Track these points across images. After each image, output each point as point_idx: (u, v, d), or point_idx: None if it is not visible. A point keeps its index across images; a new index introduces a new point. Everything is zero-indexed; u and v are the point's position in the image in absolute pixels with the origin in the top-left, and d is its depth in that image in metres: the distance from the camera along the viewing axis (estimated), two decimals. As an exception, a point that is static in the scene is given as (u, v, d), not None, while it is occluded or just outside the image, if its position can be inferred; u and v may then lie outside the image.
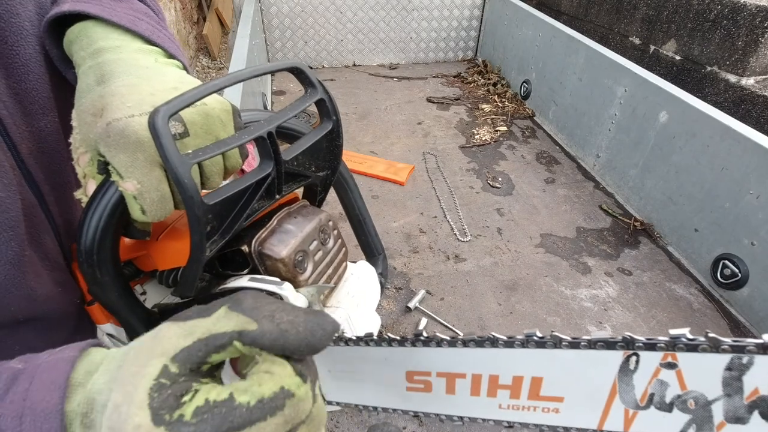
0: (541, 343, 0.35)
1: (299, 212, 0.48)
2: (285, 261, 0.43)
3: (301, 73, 0.43)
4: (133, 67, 0.42)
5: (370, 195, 2.24)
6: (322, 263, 0.48)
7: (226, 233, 0.40)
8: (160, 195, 0.39)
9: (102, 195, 0.38)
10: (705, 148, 1.77)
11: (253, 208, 0.42)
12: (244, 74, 0.38)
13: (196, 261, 0.39)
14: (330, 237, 0.49)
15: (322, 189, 0.53)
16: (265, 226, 0.45)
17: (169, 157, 0.32)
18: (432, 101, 3.18)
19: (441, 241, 1.99)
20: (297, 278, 0.44)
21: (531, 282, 1.79)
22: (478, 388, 0.39)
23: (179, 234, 0.46)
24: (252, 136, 0.38)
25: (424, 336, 0.39)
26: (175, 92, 0.40)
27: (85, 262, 0.39)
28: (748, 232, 1.61)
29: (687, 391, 0.31)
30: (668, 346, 0.31)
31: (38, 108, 0.45)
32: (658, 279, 1.82)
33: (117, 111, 0.38)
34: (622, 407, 0.34)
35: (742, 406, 0.30)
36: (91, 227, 0.38)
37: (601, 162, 2.40)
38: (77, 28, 0.44)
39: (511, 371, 0.37)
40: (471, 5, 3.66)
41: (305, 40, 3.57)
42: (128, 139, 0.37)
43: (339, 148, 0.50)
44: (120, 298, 0.43)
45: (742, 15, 2.35)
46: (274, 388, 0.25)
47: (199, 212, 0.35)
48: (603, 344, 0.33)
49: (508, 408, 0.39)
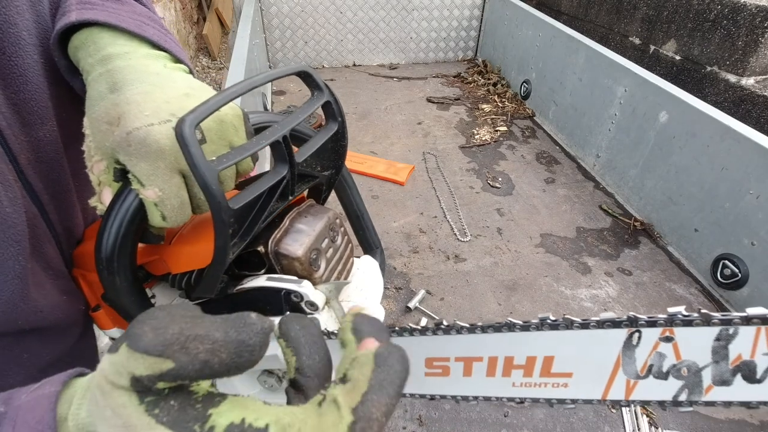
0: (554, 325, 0.38)
1: (308, 211, 0.49)
2: (301, 259, 0.44)
3: (308, 76, 0.44)
4: (144, 73, 0.42)
5: (370, 195, 2.24)
6: (333, 260, 0.49)
7: (246, 236, 0.41)
8: (180, 201, 0.39)
9: (121, 203, 0.39)
10: (705, 148, 1.77)
11: (270, 210, 0.43)
12: (257, 80, 0.39)
13: (220, 264, 0.39)
14: (338, 234, 0.51)
15: (326, 188, 0.55)
16: (278, 226, 0.46)
17: (198, 165, 0.33)
18: (432, 101, 3.18)
19: (441, 241, 1.99)
20: (312, 275, 0.46)
21: (531, 282, 1.79)
22: (494, 369, 0.41)
23: (192, 238, 0.47)
24: (269, 141, 0.39)
25: (445, 324, 0.41)
26: (187, 99, 0.41)
27: (105, 269, 0.40)
28: (748, 232, 1.61)
29: (681, 360, 0.35)
30: (667, 323, 0.34)
31: (36, 118, 0.45)
32: (658, 279, 1.82)
33: (136, 120, 0.38)
34: (624, 378, 0.37)
35: (728, 371, 0.34)
36: (111, 235, 0.39)
37: (601, 162, 2.40)
38: (83, 35, 0.44)
39: (525, 352, 0.40)
40: (471, 5, 3.66)
41: (305, 40, 3.57)
42: (149, 148, 0.37)
43: (344, 149, 0.51)
44: (135, 303, 0.44)
45: (742, 15, 2.35)
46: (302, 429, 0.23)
47: (226, 217, 0.36)
48: (610, 323, 0.36)
49: (521, 386, 0.41)
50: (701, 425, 1.32)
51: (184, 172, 0.40)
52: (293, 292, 0.43)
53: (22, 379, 0.47)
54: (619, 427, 1.31)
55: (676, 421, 1.33)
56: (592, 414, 1.34)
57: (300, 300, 0.43)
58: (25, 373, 0.47)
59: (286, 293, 0.43)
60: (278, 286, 0.43)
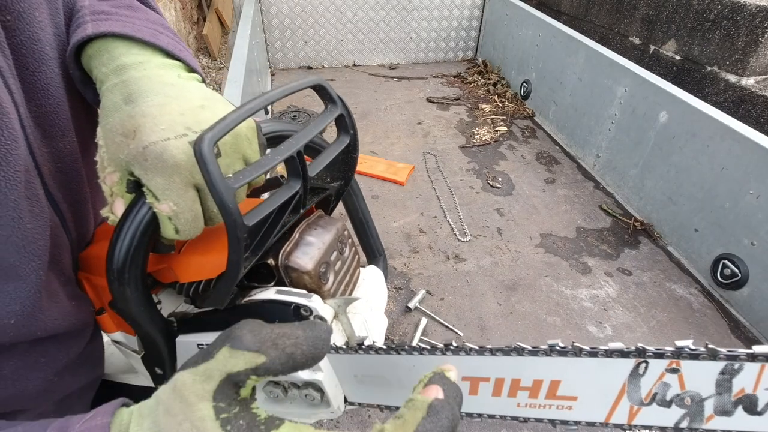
0: (563, 352, 0.39)
1: (317, 223, 0.49)
2: (311, 273, 0.45)
3: (322, 89, 0.44)
4: (158, 84, 0.42)
5: (370, 195, 2.24)
6: (341, 272, 0.50)
7: (258, 250, 0.41)
8: (194, 215, 0.40)
9: (134, 215, 0.39)
10: (705, 148, 1.77)
11: (282, 224, 0.44)
12: (273, 96, 0.39)
13: (233, 278, 0.40)
14: (346, 246, 0.51)
15: (335, 198, 0.55)
16: (287, 239, 0.46)
17: (216, 184, 0.33)
18: (432, 101, 3.18)
19: (441, 241, 1.99)
20: (321, 289, 0.46)
21: (531, 282, 1.79)
22: (500, 390, 0.42)
23: (201, 248, 0.47)
24: (284, 157, 0.39)
25: (454, 345, 0.42)
26: (201, 110, 0.41)
27: (116, 281, 0.40)
28: (748, 232, 1.61)
29: (685, 390, 0.36)
30: (674, 355, 0.36)
31: (58, 130, 0.45)
32: (658, 279, 1.82)
33: (152, 134, 0.38)
34: (628, 404, 0.39)
35: (730, 402, 0.36)
36: (124, 247, 0.39)
37: (601, 162, 2.40)
38: (97, 44, 0.44)
39: (532, 376, 0.41)
40: (471, 5, 3.66)
41: (305, 40, 3.57)
42: (166, 163, 0.38)
43: (354, 161, 0.51)
44: (144, 312, 0.44)
45: (742, 15, 2.35)
46: None
47: (240, 234, 0.36)
48: (618, 353, 0.37)
49: (526, 406, 0.42)
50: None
51: (198, 185, 0.40)
52: (303, 306, 0.43)
53: (40, 383, 0.47)
54: (619, 427, 1.31)
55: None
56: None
57: (309, 314, 0.44)
58: (43, 377, 0.48)
59: (295, 307, 0.44)
60: (288, 300, 0.44)
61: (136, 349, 0.54)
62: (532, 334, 1.58)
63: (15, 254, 0.38)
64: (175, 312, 0.51)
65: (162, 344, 0.47)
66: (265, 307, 0.45)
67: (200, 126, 0.40)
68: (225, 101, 0.45)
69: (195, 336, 0.48)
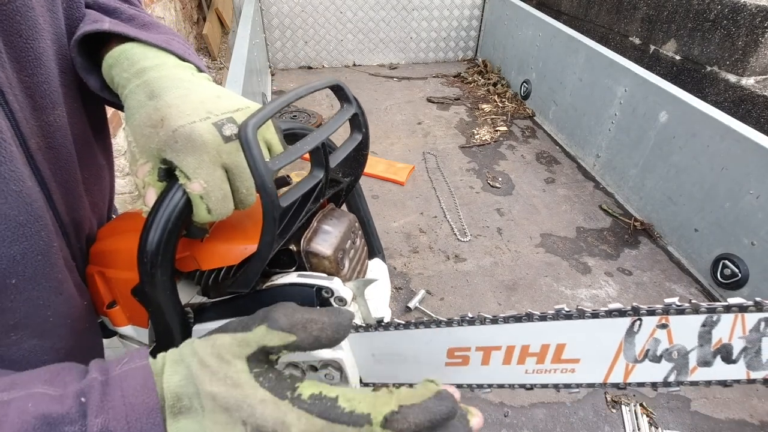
0: (569, 315, 0.42)
1: (332, 214, 0.53)
2: (330, 258, 0.49)
3: (340, 89, 0.47)
4: (177, 80, 0.46)
5: (370, 195, 2.24)
6: (354, 259, 0.54)
7: (286, 233, 0.45)
8: (224, 194, 0.43)
9: (169, 200, 0.42)
10: (705, 148, 1.77)
11: (306, 211, 0.47)
12: (301, 92, 0.42)
13: (263, 258, 0.43)
14: (357, 236, 0.55)
15: (345, 193, 0.58)
16: (306, 227, 0.50)
17: (258, 165, 0.36)
18: (432, 101, 3.18)
19: (441, 241, 1.99)
20: (339, 273, 0.50)
21: (531, 282, 1.79)
22: (510, 357, 0.45)
23: (223, 236, 0.49)
24: (311, 147, 0.42)
25: (469, 316, 0.45)
26: (219, 99, 0.45)
27: (149, 263, 0.42)
28: (748, 232, 1.61)
29: (673, 344, 0.40)
30: (663, 311, 0.40)
31: (48, 102, 0.46)
32: (658, 279, 1.82)
33: (179, 119, 0.42)
34: (624, 362, 0.42)
35: (710, 353, 0.39)
36: (159, 230, 0.41)
37: (601, 162, 2.40)
38: (116, 53, 0.48)
39: (540, 341, 0.44)
40: (471, 5, 3.66)
41: (305, 40, 3.57)
42: (195, 143, 0.41)
43: (365, 158, 0.54)
44: (170, 297, 0.46)
45: (742, 15, 2.35)
46: (366, 410, 0.31)
47: (276, 214, 0.39)
48: (617, 313, 0.41)
49: (533, 372, 0.45)
50: (701, 425, 1.33)
51: (226, 166, 0.43)
52: (324, 288, 0.46)
53: None
54: (619, 427, 1.31)
55: (677, 421, 1.33)
56: (592, 414, 1.34)
57: (330, 295, 0.47)
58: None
59: (317, 289, 0.47)
60: (311, 282, 0.47)
61: (146, 342, 0.56)
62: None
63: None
64: (191, 303, 0.52)
65: (178, 333, 0.49)
66: (287, 290, 0.48)
67: (220, 110, 0.44)
68: (235, 94, 0.48)
69: (213, 324, 0.49)
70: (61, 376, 0.33)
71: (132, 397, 0.31)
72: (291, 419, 0.30)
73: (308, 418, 0.31)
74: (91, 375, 0.33)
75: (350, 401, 0.32)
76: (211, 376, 0.32)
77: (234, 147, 0.43)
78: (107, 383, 0.32)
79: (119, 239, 0.55)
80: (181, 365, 0.33)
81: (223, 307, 0.50)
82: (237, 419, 0.31)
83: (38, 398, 0.30)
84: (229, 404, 0.31)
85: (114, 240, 0.56)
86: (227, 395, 0.31)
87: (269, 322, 0.33)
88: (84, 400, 0.31)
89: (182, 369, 0.33)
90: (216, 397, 0.31)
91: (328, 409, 0.31)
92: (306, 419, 0.30)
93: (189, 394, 0.32)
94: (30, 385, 0.31)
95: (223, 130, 0.43)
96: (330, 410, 0.31)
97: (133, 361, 0.33)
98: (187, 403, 0.32)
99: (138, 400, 0.31)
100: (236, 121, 0.44)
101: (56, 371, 0.34)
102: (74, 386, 0.32)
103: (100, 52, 0.50)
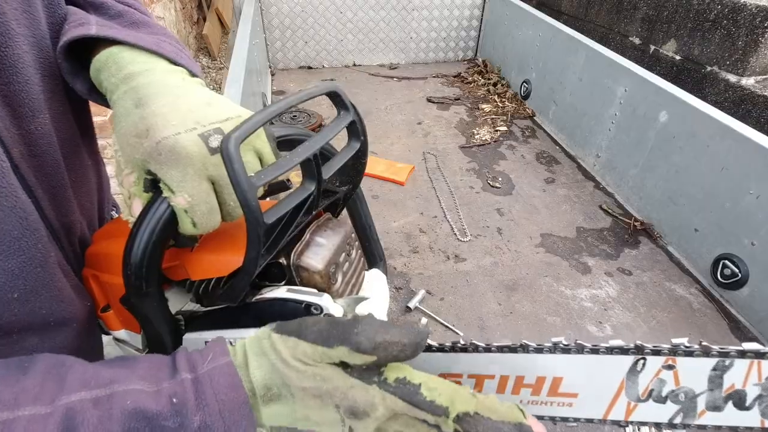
0: (566, 349, 0.41)
1: (327, 225, 0.51)
2: (322, 273, 0.47)
3: (337, 96, 0.46)
4: (166, 86, 0.44)
5: (370, 195, 2.24)
6: (348, 273, 0.51)
7: (273, 248, 0.43)
8: (209, 207, 0.41)
9: (154, 211, 0.40)
10: (705, 148, 1.77)
11: (296, 224, 0.45)
12: (293, 100, 0.41)
13: (249, 274, 0.41)
14: (353, 248, 0.53)
15: (342, 202, 0.56)
16: (298, 239, 0.48)
17: (240, 181, 0.35)
18: (432, 101, 3.18)
19: (441, 241, 1.99)
20: (330, 289, 0.48)
21: (531, 282, 1.79)
22: (504, 387, 0.44)
23: (213, 247, 0.48)
24: (301, 159, 0.40)
25: (461, 344, 0.44)
26: (208, 107, 0.44)
27: (133, 275, 0.41)
28: (748, 232, 1.61)
29: (680, 386, 0.38)
30: (670, 352, 0.38)
31: (28, 110, 0.44)
32: (658, 279, 1.82)
33: (164, 129, 0.40)
34: (626, 400, 0.40)
35: (720, 398, 0.38)
36: (143, 242, 0.40)
37: (601, 162, 2.40)
38: (104, 56, 0.46)
39: (536, 373, 0.42)
40: (471, 5, 3.66)
41: (305, 40, 3.57)
42: (179, 155, 0.39)
43: (363, 166, 0.53)
44: (157, 308, 0.45)
45: (742, 15, 2.35)
46: (445, 403, 0.34)
47: (260, 231, 0.38)
48: (618, 350, 0.39)
49: (528, 403, 0.44)
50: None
51: (213, 178, 0.41)
52: (313, 305, 0.45)
53: None
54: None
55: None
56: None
57: (320, 312, 0.45)
58: None
59: (306, 305, 0.45)
60: (300, 299, 0.45)
61: (140, 347, 0.55)
62: (532, 334, 1.58)
63: None
64: (183, 310, 0.51)
65: (169, 342, 0.48)
66: (276, 305, 0.46)
67: (208, 120, 0.42)
68: (228, 100, 0.46)
69: (203, 333, 0.49)
70: (153, 372, 0.36)
71: (223, 394, 0.34)
72: (378, 400, 0.34)
73: (393, 399, 0.34)
74: (182, 375, 0.36)
75: (431, 391, 0.35)
76: (298, 374, 0.35)
77: (221, 159, 0.42)
78: (198, 381, 0.35)
79: (112, 243, 0.54)
80: (263, 358, 0.36)
81: (215, 317, 0.49)
82: (329, 403, 0.35)
83: (136, 395, 0.33)
84: (321, 393, 0.35)
85: (107, 244, 0.55)
86: (318, 387, 0.35)
87: (350, 345, 0.34)
88: (176, 401, 0.34)
89: (265, 363, 0.36)
90: (307, 389, 0.35)
91: (410, 394, 0.34)
92: (391, 400, 0.34)
93: (277, 384, 0.35)
94: (127, 381, 0.34)
95: (210, 141, 0.41)
96: (412, 395, 0.34)
97: (216, 359, 0.36)
98: (276, 391, 0.35)
99: (228, 397, 0.34)
100: (224, 132, 0.42)
101: (148, 367, 0.36)
102: (167, 384, 0.35)
103: (87, 53, 0.47)
